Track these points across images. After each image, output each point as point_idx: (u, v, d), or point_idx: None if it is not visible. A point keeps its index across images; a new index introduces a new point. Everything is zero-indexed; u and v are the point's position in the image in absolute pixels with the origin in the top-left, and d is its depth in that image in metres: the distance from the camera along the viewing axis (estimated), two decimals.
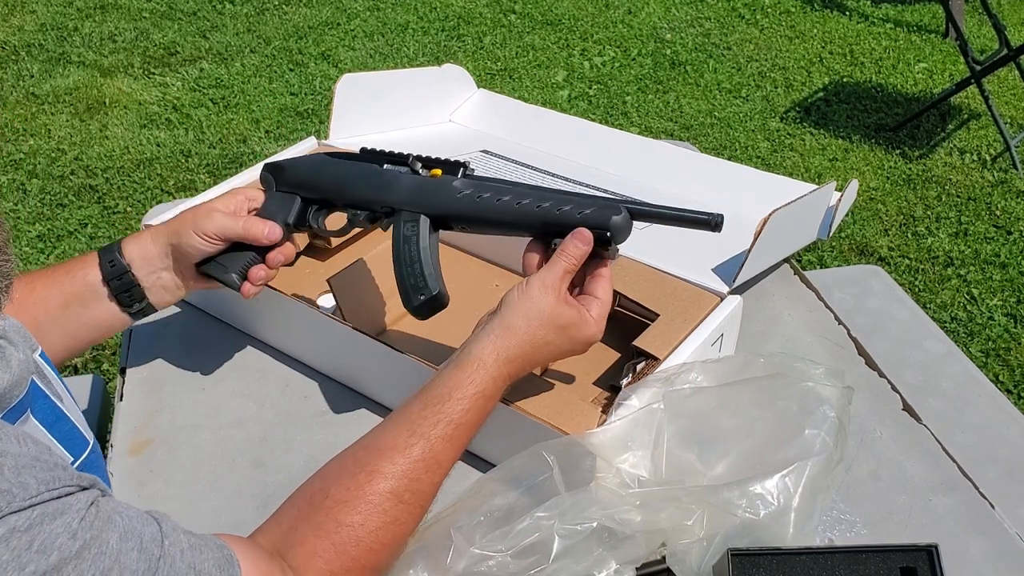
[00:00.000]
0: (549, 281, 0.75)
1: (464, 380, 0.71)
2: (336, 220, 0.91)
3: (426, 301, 0.80)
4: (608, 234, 0.76)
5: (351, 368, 0.99)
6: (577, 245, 0.76)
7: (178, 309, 1.14)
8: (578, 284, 0.79)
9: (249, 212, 0.90)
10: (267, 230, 0.87)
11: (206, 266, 0.88)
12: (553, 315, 0.74)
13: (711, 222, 0.75)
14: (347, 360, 0.98)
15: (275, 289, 1.00)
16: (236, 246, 0.88)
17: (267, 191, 0.93)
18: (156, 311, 0.90)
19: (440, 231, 0.84)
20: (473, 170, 0.85)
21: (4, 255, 0.58)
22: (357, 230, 0.95)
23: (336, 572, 0.63)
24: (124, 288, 0.86)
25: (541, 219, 0.78)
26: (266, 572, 0.60)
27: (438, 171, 0.85)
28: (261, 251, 0.89)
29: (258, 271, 0.87)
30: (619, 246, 0.78)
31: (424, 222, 0.83)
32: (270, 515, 0.68)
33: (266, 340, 1.08)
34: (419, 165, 0.86)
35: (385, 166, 0.88)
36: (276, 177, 0.93)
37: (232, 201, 0.89)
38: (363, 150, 0.90)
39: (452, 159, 0.85)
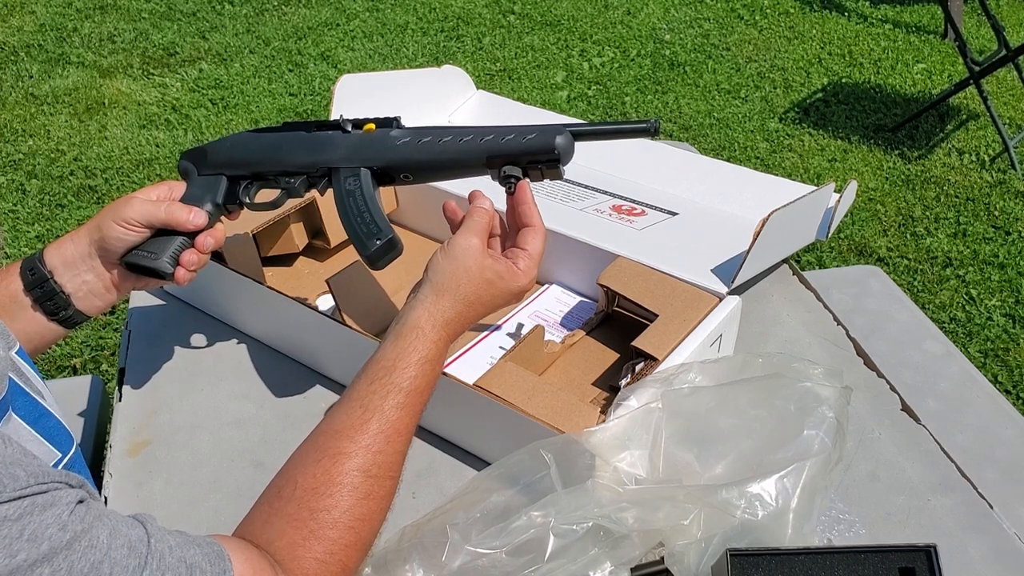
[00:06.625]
0: (470, 239, 0.77)
1: (406, 349, 0.73)
2: (268, 194, 0.88)
3: (383, 245, 0.79)
4: (556, 154, 0.77)
5: (350, 369, 0.98)
6: (483, 201, 0.81)
7: (177, 309, 1.14)
8: (511, 234, 0.83)
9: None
10: (192, 214, 0.84)
11: (132, 255, 0.83)
12: (480, 271, 0.77)
13: (649, 129, 0.77)
14: (346, 361, 0.98)
15: (275, 290, 1.00)
16: (161, 233, 0.84)
17: (189, 180, 0.89)
18: (88, 318, 0.86)
19: (382, 186, 0.83)
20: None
21: None
22: (293, 200, 0.93)
23: (321, 557, 0.63)
24: (47, 296, 0.83)
25: (487, 151, 0.78)
26: (257, 566, 0.60)
27: (371, 125, 0.84)
28: (189, 236, 0.85)
29: (190, 255, 0.84)
30: (565, 168, 0.79)
31: (365, 174, 0.82)
32: (243, 516, 0.68)
33: (265, 341, 1.08)
34: (350, 125, 0.84)
35: (314, 132, 0.86)
36: (197, 163, 0.89)
37: (154, 191, 0.87)
38: (287, 123, 0.88)
39: (384, 116, 0.84)
